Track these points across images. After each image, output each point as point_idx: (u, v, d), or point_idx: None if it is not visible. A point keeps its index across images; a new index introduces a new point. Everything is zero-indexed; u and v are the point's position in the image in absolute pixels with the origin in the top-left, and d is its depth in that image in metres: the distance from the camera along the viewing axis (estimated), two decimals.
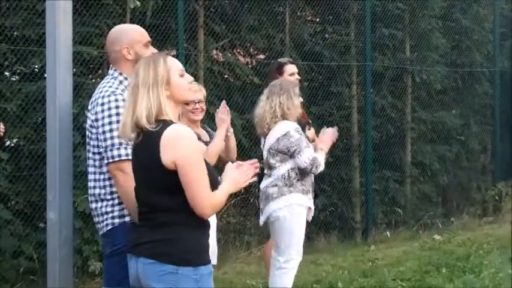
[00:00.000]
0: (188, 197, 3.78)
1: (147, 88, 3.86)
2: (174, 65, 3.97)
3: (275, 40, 10.51)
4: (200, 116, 6.36)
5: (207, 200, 3.80)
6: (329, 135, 6.93)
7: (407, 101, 12.18)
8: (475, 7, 13.32)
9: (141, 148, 3.90)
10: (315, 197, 7.09)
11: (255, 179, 4.15)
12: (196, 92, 6.13)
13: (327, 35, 11.36)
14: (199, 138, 4.76)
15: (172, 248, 3.80)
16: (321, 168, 6.63)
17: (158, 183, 3.83)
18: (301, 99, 6.90)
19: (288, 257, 6.65)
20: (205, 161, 3.91)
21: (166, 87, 3.88)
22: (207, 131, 6.51)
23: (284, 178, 6.59)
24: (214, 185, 3.88)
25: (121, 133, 3.99)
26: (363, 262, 9.63)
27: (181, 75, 3.97)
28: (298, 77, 7.70)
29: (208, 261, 3.94)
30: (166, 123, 3.84)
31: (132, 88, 3.92)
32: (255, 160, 4.12)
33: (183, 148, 3.78)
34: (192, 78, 4.08)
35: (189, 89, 4.04)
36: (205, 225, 3.95)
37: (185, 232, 3.82)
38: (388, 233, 11.27)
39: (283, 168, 6.60)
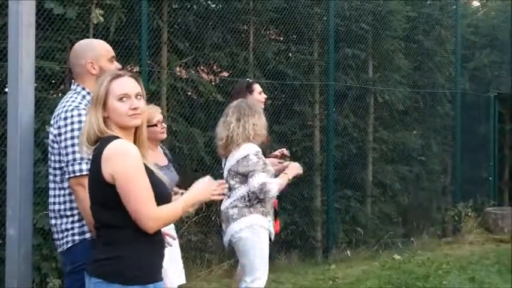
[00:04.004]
0: (129, 212, 3.75)
1: (91, 106, 3.90)
2: (116, 88, 3.91)
3: (239, 58, 10.51)
4: (164, 136, 6.36)
5: (149, 213, 3.75)
6: (295, 169, 6.87)
7: (369, 121, 12.25)
8: (438, 29, 13.45)
9: (90, 164, 3.90)
10: (276, 216, 7.05)
11: (221, 197, 4.15)
12: (154, 113, 6.16)
13: (290, 54, 11.37)
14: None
15: (120, 266, 3.77)
16: (272, 194, 6.47)
17: (104, 199, 3.81)
18: None
19: (254, 277, 6.58)
20: (153, 174, 3.90)
21: (103, 108, 3.87)
22: (165, 153, 6.46)
23: (244, 199, 6.54)
24: (163, 199, 3.86)
25: (79, 148, 3.99)
26: (324, 281, 9.64)
27: (121, 99, 3.89)
28: (265, 96, 7.76)
29: (158, 279, 3.91)
30: (110, 139, 3.83)
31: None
32: (224, 181, 4.13)
33: (120, 162, 3.76)
34: (138, 105, 3.92)
35: (127, 115, 3.90)
36: (156, 241, 3.91)
37: (134, 249, 3.79)
38: (348, 252, 11.28)
39: (242, 190, 6.53)
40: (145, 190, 3.77)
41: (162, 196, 3.86)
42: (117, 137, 3.84)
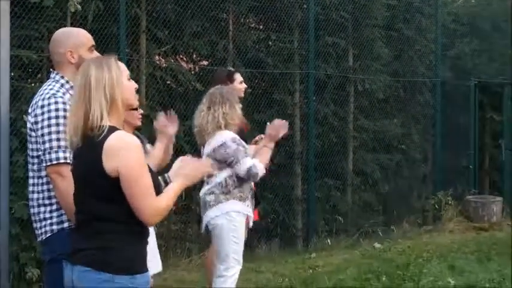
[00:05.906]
0: (133, 208, 3.71)
1: (103, 90, 3.76)
2: (123, 68, 3.93)
3: (218, 47, 10.47)
4: (139, 123, 6.32)
5: (153, 209, 3.74)
6: (276, 128, 6.85)
7: (349, 110, 12.24)
8: (418, 17, 13.46)
9: (83, 153, 3.80)
10: (257, 204, 7.07)
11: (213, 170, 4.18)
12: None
13: (270, 43, 11.34)
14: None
15: (109, 256, 3.74)
16: (260, 174, 6.56)
17: (99, 191, 3.75)
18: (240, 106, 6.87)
19: (228, 265, 6.63)
20: (148, 166, 3.86)
21: (119, 90, 3.81)
22: (136, 135, 6.43)
23: (221, 186, 6.57)
24: (156, 188, 3.84)
25: (70, 138, 3.86)
26: (304, 270, 9.65)
27: (129, 80, 3.95)
28: (245, 86, 7.77)
29: (145, 270, 3.89)
30: (111, 130, 3.75)
31: (81, 89, 3.79)
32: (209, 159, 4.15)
33: (127, 157, 3.70)
34: (136, 85, 4.02)
35: (134, 94, 3.98)
36: (144, 233, 3.89)
37: (123, 241, 3.77)
38: (329, 240, 11.29)
39: (220, 176, 6.57)
40: (149, 185, 3.76)
41: (155, 186, 3.84)
42: (115, 128, 3.78)
